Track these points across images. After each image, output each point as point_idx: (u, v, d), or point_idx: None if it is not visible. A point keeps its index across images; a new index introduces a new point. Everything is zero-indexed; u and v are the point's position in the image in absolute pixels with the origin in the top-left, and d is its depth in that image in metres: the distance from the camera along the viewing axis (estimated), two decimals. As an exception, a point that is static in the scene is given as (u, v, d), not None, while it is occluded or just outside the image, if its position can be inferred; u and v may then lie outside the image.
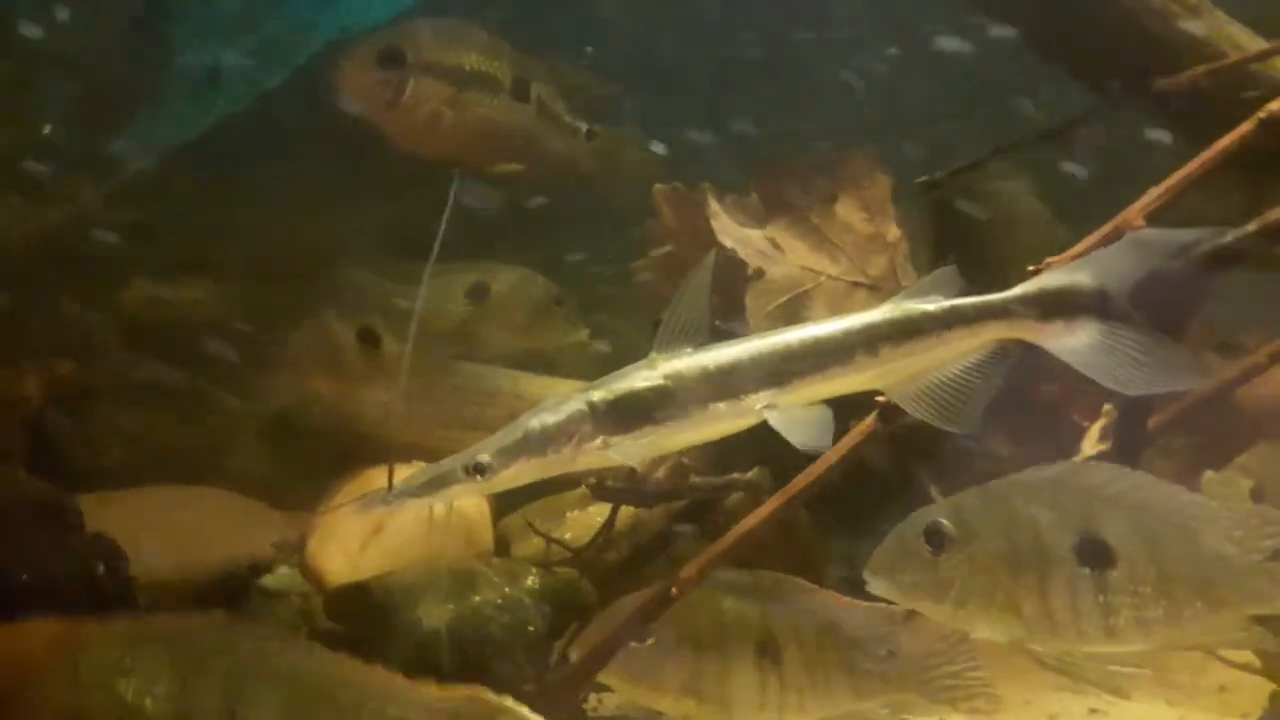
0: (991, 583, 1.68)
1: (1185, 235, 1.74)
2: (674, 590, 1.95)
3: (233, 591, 2.91)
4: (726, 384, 1.71)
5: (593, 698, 2.34)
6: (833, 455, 2.04)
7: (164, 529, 3.02)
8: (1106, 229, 2.03)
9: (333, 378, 3.45)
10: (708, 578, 2.00)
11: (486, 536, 3.26)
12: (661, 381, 1.69)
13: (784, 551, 2.56)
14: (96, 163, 3.60)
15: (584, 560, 2.91)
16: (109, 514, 2.74)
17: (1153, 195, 2.02)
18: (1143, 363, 1.64)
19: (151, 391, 3.54)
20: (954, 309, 1.70)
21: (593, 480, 2.70)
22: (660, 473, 2.68)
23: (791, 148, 2.94)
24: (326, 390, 3.48)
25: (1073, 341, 1.68)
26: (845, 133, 2.95)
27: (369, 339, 3.38)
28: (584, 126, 3.31)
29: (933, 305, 1.71)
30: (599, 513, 3.06)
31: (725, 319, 2.63)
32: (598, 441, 1.69)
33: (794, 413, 1.70)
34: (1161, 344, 1.65)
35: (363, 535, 3.19)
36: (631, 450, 1.71)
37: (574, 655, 2.22)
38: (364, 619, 2.71)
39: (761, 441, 1.76)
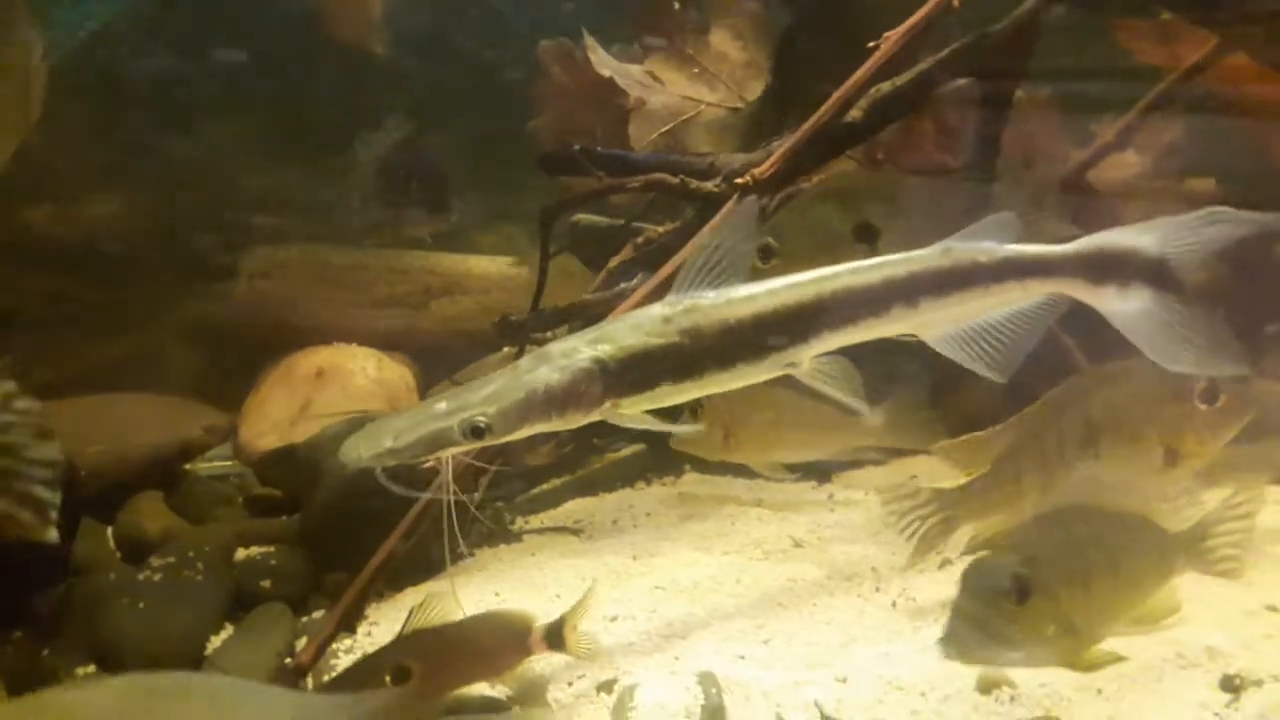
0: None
1: (1269, 219, 1.58)
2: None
3: (165, 473, 3.00)
4: (747, 339, 1.54)
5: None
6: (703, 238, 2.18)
7: (94, 425, 3.09)
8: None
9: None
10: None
11: (411, 402, 3.39)
12: (677, 339, 1.53)
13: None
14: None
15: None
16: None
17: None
18: (1190, 341, 1.55)
19: (69, 310, 3.57)
20: (1007, 262, 1.55)
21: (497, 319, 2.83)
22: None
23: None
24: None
25: (1124, 307, 1.57)
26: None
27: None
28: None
29: (985, 255, 1.55)
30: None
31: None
32: (607, 404, 1.54)
33: (822, 367, 1.59)
34: (1211, 324, 1.56)
35: (292, 412, 3.30)
36: (642, 408, 1.56)
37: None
38: (293, 475, 2.83)
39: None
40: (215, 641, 2.24)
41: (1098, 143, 2.84)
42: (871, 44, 2.18)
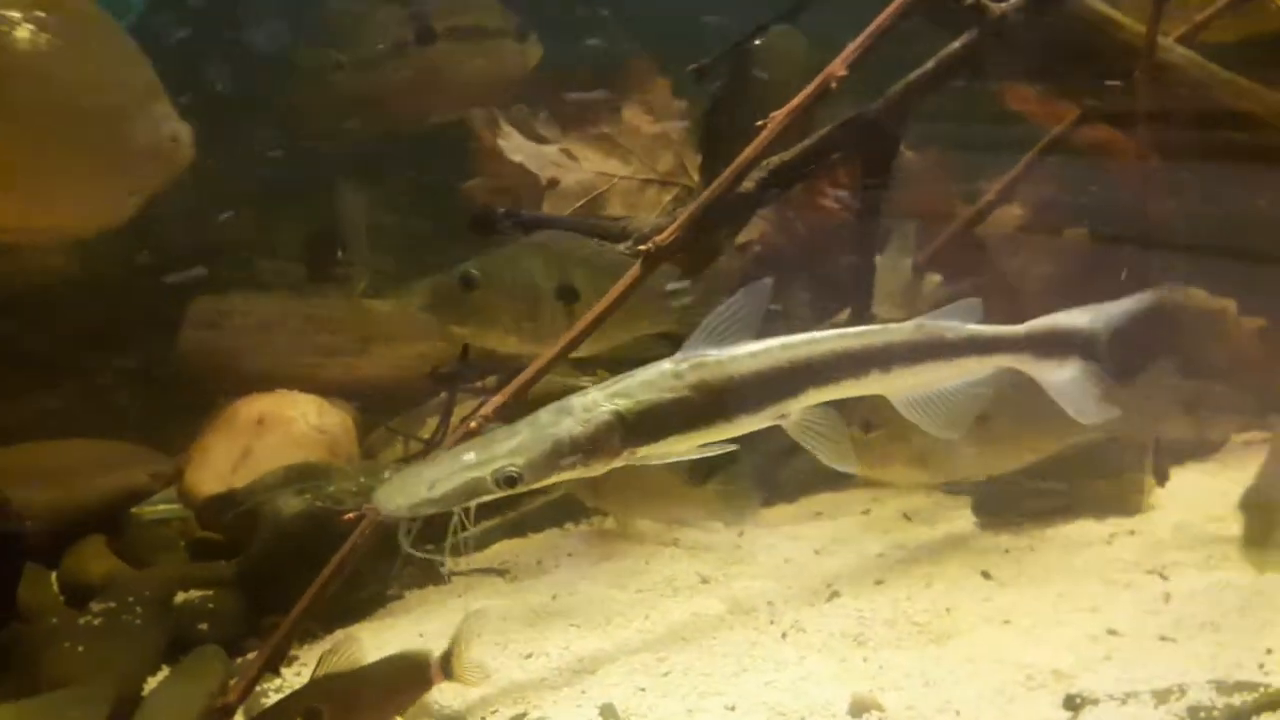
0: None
1: (1175, 295, 2.00)
2: (474, 425, 2.25)
3: (110, 518, 3.11)
4: (748, 395, 1.73)
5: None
6: (613, 297, 2.37)
7: (41, 470, 3.18)
8: (813, 85, 2.37)
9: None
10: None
11: (351, 448, 3.53)
12: (688, 393, 1.70)
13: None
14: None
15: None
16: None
17: (850, 49, 2.36)
18: (1100, 399, 1.84)
19: (16, 354, 3.65)
20: (971, 339, 1.80)
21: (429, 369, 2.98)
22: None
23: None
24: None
25: (1058, 376, 1.84)
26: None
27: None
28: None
29: (951, 332, 1.80)
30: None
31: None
32: (625, 453, 1.70)
33: (810, 424, 1.78)
34: (1114, 387, 1.87)
35: (234, 459, 3.42)
36: (655, 457, 1.73)
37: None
38: (232, 521, 2.96)
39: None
40: (152, 682, 2.36)
41: (983, 199, 3.09)
42: (759, 122, 2.39)
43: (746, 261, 3.36)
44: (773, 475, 2.95)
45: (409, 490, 1.64)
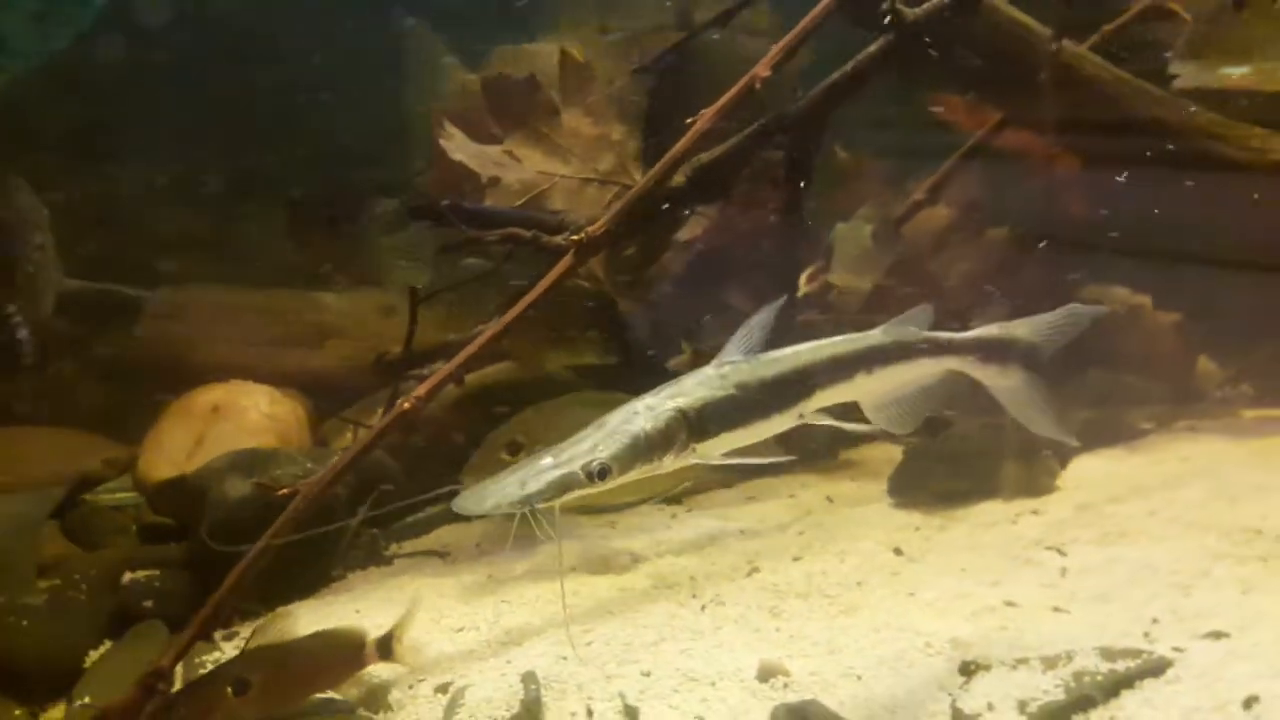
0: None
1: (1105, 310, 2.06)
2: (406, 404, 2.35)
3: (62, 503, 3.17)
4: (775, 394, 1.89)
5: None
6: (544, 286, 2.48)
7: (-5, 458, 3.25)
8: (738, 85, 2.48)
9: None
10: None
11: (303, 436, 3.60)
12: (734, 391, 1.86)
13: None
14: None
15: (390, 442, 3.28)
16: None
17: (774, 51, 2.48)
18: (1043, 411, 2.02)
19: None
20: (929, 342, 1.99)
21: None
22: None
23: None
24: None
25: (1003, 382, 2.01)
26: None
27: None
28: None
29: (911, 336, 1.98)
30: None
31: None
32: (690, 447, 1.83)
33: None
34: (1055, 401, 2.03)
35: (188, 447, 3.49)
36: (710, 454, 1.85)
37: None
38: (182, 505, 3.03)
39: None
40: (94, 655, 2.44)
41: (910, 200, 3.22)
42: (689, 120, 2.50)
43: (689, 257, 3.48)
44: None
45: (502, 491, 1.75)
